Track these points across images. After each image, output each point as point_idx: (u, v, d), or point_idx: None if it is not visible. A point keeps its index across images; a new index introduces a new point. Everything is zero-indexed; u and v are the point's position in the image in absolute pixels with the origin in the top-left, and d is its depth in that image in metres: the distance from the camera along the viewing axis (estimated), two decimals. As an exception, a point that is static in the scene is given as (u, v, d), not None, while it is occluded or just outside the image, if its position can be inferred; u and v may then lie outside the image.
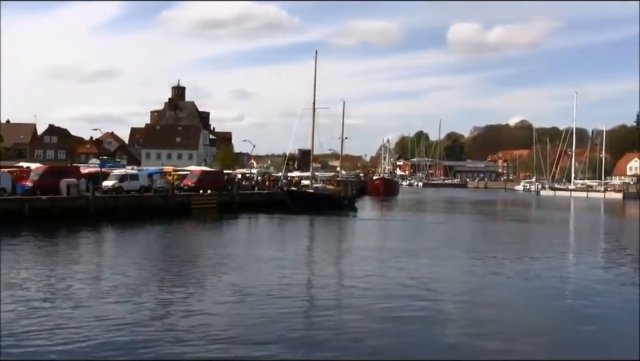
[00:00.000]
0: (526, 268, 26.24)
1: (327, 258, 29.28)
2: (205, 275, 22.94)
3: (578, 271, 26.71)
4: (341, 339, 14.47)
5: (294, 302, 18.32)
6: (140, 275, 22.23)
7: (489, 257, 29.31)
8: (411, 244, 34.79)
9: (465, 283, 22.30)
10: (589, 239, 42.56)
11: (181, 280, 21.70)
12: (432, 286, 21.27)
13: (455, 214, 66.03)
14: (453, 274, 24.33)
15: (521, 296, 20.80)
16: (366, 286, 21.09)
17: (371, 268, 25.25)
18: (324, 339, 14.49)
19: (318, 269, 25.85)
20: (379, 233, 42.76)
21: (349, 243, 36.34)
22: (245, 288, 20.27)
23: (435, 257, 29.18)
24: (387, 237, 40.30)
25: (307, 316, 16.89)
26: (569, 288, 22.46)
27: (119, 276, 21.76)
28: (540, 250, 33.18)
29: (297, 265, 25.88)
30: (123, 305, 17.29)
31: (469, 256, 29.76)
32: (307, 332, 15.14)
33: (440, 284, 21.67)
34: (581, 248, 36.41)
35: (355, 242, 37.10)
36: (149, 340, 14.01)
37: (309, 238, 38.93)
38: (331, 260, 28.84)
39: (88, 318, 15.67)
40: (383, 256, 29.32)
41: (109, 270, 23.60)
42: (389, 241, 37.15)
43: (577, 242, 40.35)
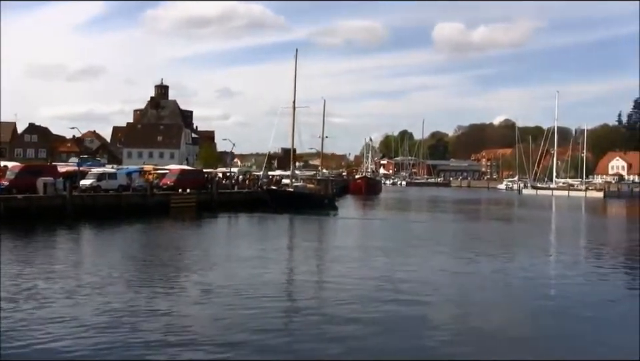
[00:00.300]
0: (501, 267, 26.25)
1: (299, 257, 29.20)
2: (177, 274, 22.70)
3: (551, 269, 26.76)
4: (301, 340, 14.37)
5: (262, 302, 18.14)
6: (110, 275, 21.95)
7: (465, 256, 29.31)
8: (386, 242, 34.70)
9: (434, 282, 22.19)
10: (567, 238, 42.67)
11: (151, 279, 21.49)
12: (400, 285, 21.18)
13: (434, 212, 66.11)
14: (424, 273, 24.19)
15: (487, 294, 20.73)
16: (333, 286, 21.05)
17: (341, 268, 25.13)
18: (284, 341, 14.40)
19: (288, 268, 25.62)
20: (356, 232, 42.58)
21: (324, 242, 36.20)
22: (214, 287, 20.10)
23: (409, 255, 29.12)
24: (363, 236, 40.13)
25: (271, 316, 16.63)
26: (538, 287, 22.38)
27: (88, 276, 21.54)
28: (517, 249, 33.25)
29: (267, 264, 25.63)
30: (85, 306, 17.04)
31: (443, 254, 29.71)
32: (266, 333, 14.94)
33: (410, 284, 21.54)
34: (558, 246, 36.53)
35: (330, 241, 37.10)
36: (111, 341, 13.81)
37: (284, 237, 38.58)
38: (303, 259, 28.65)
39: (50, 318, 15.44)
40: (354, 255, 29.18)
41: (79, 269, 23.34)
42: (363, 240, 37.05)
43: (556, 241, 40.51)
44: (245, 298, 18.63)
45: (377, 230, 44.45)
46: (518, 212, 70.69)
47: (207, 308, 17.52)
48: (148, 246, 32.59)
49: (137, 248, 31.22)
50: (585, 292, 21.12)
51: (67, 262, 25.23)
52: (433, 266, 25.85)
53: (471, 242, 36.05)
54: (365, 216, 57.56)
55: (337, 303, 18.36)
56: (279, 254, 29.49)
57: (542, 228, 49.35)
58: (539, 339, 15.06)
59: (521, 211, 72.52)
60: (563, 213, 71.70)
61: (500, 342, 14.89)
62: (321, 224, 47.13)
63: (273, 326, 15.47)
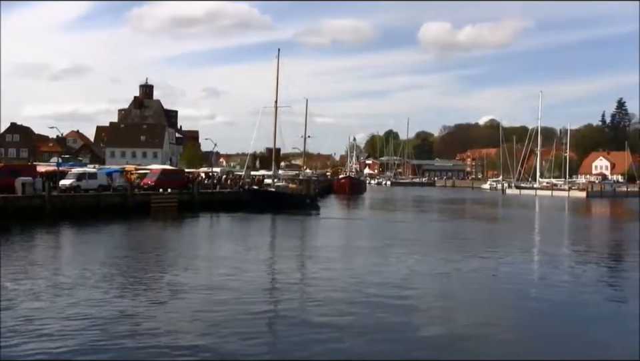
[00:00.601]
0: (479, 266, 26.31)
1: (274, 257, 29.21)
2: (149, 275, 22.63)
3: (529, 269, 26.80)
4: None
5: (236, 304, 18.15)
6: (82, 275, 21.82)
7: (438, 255, 29.36)
8: (363, 242, 34.87)
9: (408, 282, 22.20)
10: (547, 238, 42.80)
11: (123, 280, 21.35)
12: (370, 285, 21.23)
13: (415, 212, 66.30)
14: (398, 272, 24.18)
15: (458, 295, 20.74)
16: (301, 288, 21.23)
17: (314, 267, 25.28)
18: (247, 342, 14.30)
19: (261, 269, 25.39)
20: (334, 232, 42.41)
21: (301, 242, 36.19)
22: (185, 288, 20.05)
23: (384, 255, 29.18)
24: (341, 236, 40.03)
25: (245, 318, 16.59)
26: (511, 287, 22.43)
27: (59, 277, 21.42)
28: (497, 248, 33.30)
29: (242, 264, 25.58)
30: (50, 309, 16.88)
31: (418, 254, 29.70)
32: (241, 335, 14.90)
33: (381, 285, 21.56)
34: (534, 246, 36.66)
35: (307, 241, 37.17)
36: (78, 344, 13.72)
37: (261, 236, 38.43)
38: (277, 259, 28.62)
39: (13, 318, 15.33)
40: (329, 255, 29.14)
41: (51, 269, 23.17)
42: (341, 239, 37.00)
43: (535, 240, 40.65)
44: (217, 299, 18.59)
45: (355, 230, 44.52)
46: (499, 212, 71.00)
47: (174, 308, 17.43)
48: (124, 246, 32.39)
49: (113, 248, 30.93)
50: (564, 292, 21.12)
51: (39, 262, 25.05)
52: (409, 266, 25.88)
53: (449, 242, 36.15)
54: (346, 216, 57.62)
55: (309, 304, 18.41)
56: (253, 254, 29.36)
57: (522, 227, 49.55)
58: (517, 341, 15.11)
59: (503, 211, 72.88)
60: (545, 213, 71.89)
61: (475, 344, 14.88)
62: (300, 224, 47.03)
63: (246, 327, 15.43)
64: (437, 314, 17.67)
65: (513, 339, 15.36)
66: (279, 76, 62.50)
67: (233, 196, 59.96)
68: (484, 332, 15.79)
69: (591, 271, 26.27)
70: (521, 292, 21.23)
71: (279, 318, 16.76)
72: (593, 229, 51.51)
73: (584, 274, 25.29)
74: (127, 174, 61.37)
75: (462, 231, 44.62)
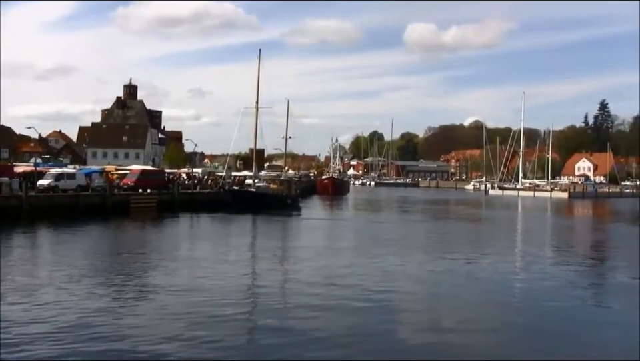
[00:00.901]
0: (453, 267, 26.30)
1: (246, 258, 28.91)
2: (120, 276, 22.41)
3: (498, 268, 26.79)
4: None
5: (204, 304, 17.97)
6: (50, 275, 21.60)
7: (415, 256, 29.35)
8: (341, 243, 34.98)
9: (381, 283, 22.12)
10: (524, 238, 42.92)
11: (96, 282, 21.12)
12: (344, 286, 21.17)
13: (396, 213, 66.29)
14: (371, 273, 24.12)
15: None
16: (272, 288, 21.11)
17: (287, 268, 25.38)
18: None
19: (230, 269, 24.99)
20: (313, 233, 42.15)
21: (278, 242, 35.90)
22: (155, 288, 19.88)
23: (358, 255, 29.17)
24: (320, 236, 39.79)
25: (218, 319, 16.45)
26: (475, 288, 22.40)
27: (27, 279, 21.14)
28: (474, 249, 33.32)
29: (216, 265, 25.50)
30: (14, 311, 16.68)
31: (395, 255, 29.65)
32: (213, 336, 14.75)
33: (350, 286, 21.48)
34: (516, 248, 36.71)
35: (284, 241, 37.01)
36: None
37: (238, 237, 38.06)
38: (250, 260, 28.47)
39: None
40: (305, 255, 29.08)
41: (22, 270, 22.90)
42: (320, 240, 36.71)
43: (513, 241, 40.73)
44: (189, 301, 18.48)
45: (334, 231, 44.37)
46: (482, 213, 71.12)
47: (144, 310, 17.28)
48: (99, 247, 32.06)
49: (88, 249, 30.62)
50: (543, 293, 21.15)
51: (12, 263, 24.73)
52: (384, 267, 25.77)
53: (428, 243, 36.16)
54: (326, 217, 57.38)
55: (280, 306, 18.34)
56: (227, 255, 29.14)
57: (504, 229, 49.70)
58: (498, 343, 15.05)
59: (485, 212, 73.04)
60: (527, 214, 72.14)
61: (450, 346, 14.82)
62: (279, 225, 46.84)
63: (219, 329, 15.30)
64: (409, 316, 17.61)
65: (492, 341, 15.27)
66: (259, 76, 62.60)
67: (214, 196, 59.70)
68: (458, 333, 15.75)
69: (569, 272, 26.28)
70: (499, 292, 21.23)
71: (249, 320, 16.58)
72: (574, 230, 51.71)
73: (563, 274, 25.29)
74: (107, 174, 60.94)
75: (443, 232, 44.62)
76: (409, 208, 75.42)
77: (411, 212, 68.23)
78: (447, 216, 64.09)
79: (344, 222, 52.18)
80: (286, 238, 38.96)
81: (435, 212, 68.78)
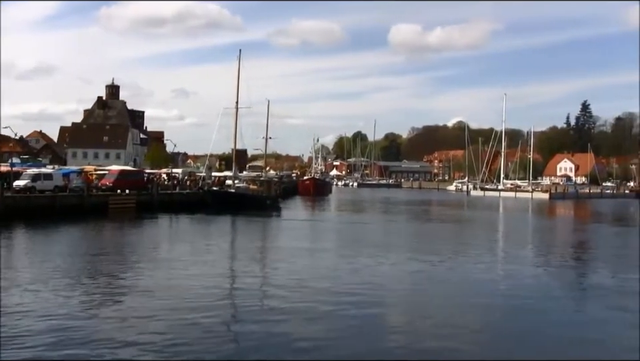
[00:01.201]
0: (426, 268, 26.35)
1: (219, 259, 28.70)
2: (89, 277, 22.27)
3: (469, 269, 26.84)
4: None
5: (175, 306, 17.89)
6: (21, 277, 21.40)
7: (387, 256, 29.30)
8: (316, 243, 35.16)
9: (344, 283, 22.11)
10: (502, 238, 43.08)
11: (66, 283, 20.93)
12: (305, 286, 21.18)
13: (378, 214, 66.35)
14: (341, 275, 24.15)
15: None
16: (232, 288, 21.16)
17: (256, 269, 25.50)
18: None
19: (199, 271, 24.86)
20: (292, 233, 42.05)
21: (254, 243, 35.83)
22: (125, 290, 19.77)
23: (331, 257, 29.26)
24: (296, 237, 39.53)
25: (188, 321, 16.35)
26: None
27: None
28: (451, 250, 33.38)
29: (188, 266, 25.43)
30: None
31: (366, 255, 29.60)
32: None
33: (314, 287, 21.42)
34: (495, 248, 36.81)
35: (260, 242, 36.95)
36: None
37: (215, 238, 37.87)
38: (223, 260, 28.33)
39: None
40: (275, 256, 29.22)
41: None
42: (295, 241, 36.54)
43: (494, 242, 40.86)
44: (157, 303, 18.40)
45: (312, 232, 44.26)
46: (462, 214, 71.31)
47: (115, 313, 17.18)
48: (72, 247, 31.77)
49: (62, 250, 30.39)
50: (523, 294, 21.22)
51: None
52: (354, 268, 25.79)
53: (401, 244, 36.21)
54: (306, 218, 57.23)
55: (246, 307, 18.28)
56: (201, 256, 28.93)
57: (483, 229, 49.87)
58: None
59: (465, 212, 73.28)
60: (508, 215, 72.53)
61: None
62: (258, 226, 46.74)
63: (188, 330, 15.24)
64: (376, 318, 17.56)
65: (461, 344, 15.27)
66: (239, 77, 62.67)
67: (193, 197, 59.54)
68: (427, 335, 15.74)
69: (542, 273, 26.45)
70: (470, 294, 21.26)
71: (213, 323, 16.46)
72: (553, 231, 51.97)
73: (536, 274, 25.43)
74: (86, 175, 60.57)
75: (422, 233, 44.75)
76: (389, 208, 75.53)
77: (391, 212, 68.38)
78: (427, 217, 64.20)
79: (323, 222, 52.22)
80: (262, 239, 38.83)
81: (415, 212, 68.90)
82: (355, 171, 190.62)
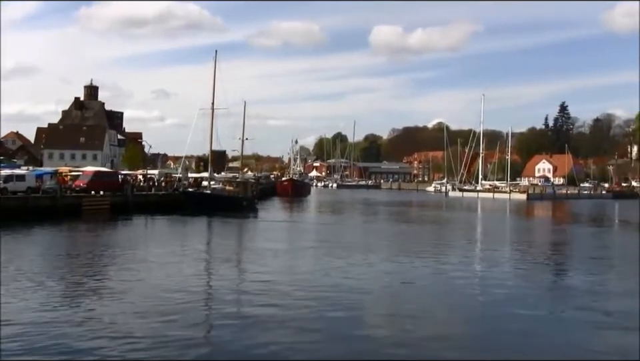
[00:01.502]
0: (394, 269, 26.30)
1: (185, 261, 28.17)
2: (52, 278, 21.95)
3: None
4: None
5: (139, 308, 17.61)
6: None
7: (357, 257, 29.19)
8: (288, 244, 35.09)
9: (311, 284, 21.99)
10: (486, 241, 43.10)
11: (18, 284, 20.60)
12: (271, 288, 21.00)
13: (354, 214, 66.27)
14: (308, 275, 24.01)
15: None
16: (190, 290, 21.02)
17: (220, 270, 25.36)
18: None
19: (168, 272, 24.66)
20: (265, 234, 41.72)
21: (225, 244, 35.68)
22: (84, 292, 19.48)
23: (301, 257, 29.23)
24: (270, 238, 39.01)
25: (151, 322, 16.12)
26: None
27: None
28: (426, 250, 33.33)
29: (153, 267, 25.27)
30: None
31: (337, 256, 29.41)
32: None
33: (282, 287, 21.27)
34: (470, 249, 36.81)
35: (233, 243, 36.79)
36: None
37: (186, 239, 37.61)
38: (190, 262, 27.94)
39: None
40: (246, 257, 29.27)
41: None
42: (263, 242, 36.24)
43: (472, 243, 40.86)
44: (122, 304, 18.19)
45: (287, 233, 44.00)
46: (440, 214, 71.29)
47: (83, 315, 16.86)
48: (43, 248, 31.37)
49: (30, 251, 29.97)
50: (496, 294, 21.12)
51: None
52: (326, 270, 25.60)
53: (374, 244, 36.10)
54: (283, 219, 56.90)
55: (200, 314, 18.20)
56: (170, 257, 28.59)
57: (461, 230, 49.92)
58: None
59: (444, 213, 73.30)
60: (485, 215, 72.76)
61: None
62: (233, 227, 46.52)
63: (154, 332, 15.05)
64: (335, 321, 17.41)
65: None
66: (215, 78, 62.80)
67: (168, 198, 59.14)
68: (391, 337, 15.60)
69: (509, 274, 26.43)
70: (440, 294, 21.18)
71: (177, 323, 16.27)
72: (531, 231, 52.14)
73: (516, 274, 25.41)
74: (59, 176, 60.00)
75: (397, 233, 44.66)
76: (367, 209, 75.50)
77: (369, 213, 68.35)
78: (404, 217, 64.09)
79: (299, 224, 51.98)
80: (236, 240, 38.69)
81: (391, 213, 68.94)
82: (335, 172, 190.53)
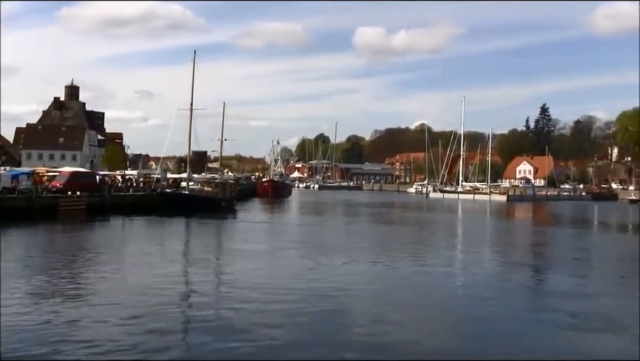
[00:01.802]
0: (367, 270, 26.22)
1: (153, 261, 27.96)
2: (13, 279, 21.66)
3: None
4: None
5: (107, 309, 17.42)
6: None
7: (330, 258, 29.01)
8: (263, 245, 34.89)
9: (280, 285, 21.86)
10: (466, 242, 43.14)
11: None
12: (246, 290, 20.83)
13: (334, 215, 66.29)
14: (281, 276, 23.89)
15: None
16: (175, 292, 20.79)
17: (195, 271, 25.24)
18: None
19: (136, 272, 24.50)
20: (242, 235, 41.61)
21: (200, 245, 35.57)
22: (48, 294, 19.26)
23: (279, 258, 29.18)
24: (248, 239, 38.80)
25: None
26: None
27: None
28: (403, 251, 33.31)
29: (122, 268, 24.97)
30: None
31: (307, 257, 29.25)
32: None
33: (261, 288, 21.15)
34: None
35: (207, 244, 36.43)
36: None
37: (160, 240, 37.39)
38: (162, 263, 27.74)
39: None
40: (222, 258, 29.28)
41: None
42: (240, 243, 36.12)
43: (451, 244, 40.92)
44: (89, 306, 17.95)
45: (264, 234, 43.78)
46: (420, 216, 71.40)
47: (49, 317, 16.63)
48: (10, 249, 31.02)
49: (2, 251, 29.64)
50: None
51: None
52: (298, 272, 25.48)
53: (349, 245, 36.03)
54: (262, 220, 56.64)
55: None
56: (140, 258, 28.37)
57: (440, 231, 49.98)
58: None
59: (424, 214, 73.39)
60: (465, 216, 72.95)
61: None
62: (211, 228, 46.26)
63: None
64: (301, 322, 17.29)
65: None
66: (194, 78, 62.82)
67: (146, 198, 58.79)
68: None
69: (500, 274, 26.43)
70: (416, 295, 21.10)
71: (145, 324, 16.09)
72: (511, 233, 52.32)
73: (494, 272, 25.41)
74: (37, 176, 59.43)
75: (374, 234, 44.61)
76: (348, 210, 75.55)
77: (350, 214, 68.35)
78: (385, 218, 64.10)
79: (278, 225, 51.91)
80: (212, 241, 38.48)
81: (373, 214, 68.94)
82: (317, 173, 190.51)
